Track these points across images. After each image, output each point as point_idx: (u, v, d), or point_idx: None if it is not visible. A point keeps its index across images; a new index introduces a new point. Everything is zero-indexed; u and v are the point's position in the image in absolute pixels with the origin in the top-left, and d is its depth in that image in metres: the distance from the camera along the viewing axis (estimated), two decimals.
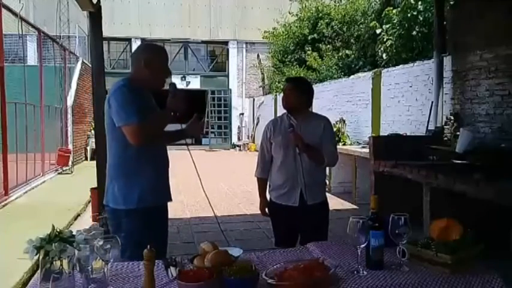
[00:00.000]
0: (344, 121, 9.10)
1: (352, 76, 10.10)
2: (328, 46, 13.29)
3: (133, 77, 2.44)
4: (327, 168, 3.55)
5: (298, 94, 2.97)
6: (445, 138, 5.54)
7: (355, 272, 1.78)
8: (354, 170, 7.31)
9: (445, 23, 6.35)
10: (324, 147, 2.95)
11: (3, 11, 7.17)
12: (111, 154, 2.44)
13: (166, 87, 2.54)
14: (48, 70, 10.63)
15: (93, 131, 11.94)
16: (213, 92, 19.46)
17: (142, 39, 18.80)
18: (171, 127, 2.54)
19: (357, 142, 8.46)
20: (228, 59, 20.11)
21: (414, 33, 8.30)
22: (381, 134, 7.88)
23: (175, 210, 6.25)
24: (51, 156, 10.27)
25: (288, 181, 2.93)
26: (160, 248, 2.34)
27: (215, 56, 20.78)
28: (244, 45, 19.85)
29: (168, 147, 2.64)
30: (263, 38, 17.45)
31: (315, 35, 14.00)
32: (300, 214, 2.92)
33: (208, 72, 20.27)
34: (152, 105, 2.48)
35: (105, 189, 2.48)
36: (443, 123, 6.02)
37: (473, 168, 3.72)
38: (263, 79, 19.58)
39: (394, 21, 8.81)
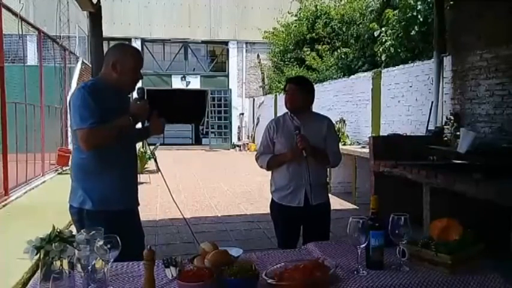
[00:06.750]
0: (344, 121, 9.10)
1: (352, 76, 10.10)
2: (325, 46, 13.27)
3: (102, 77, 2.45)
4: (327, 168, 3.55)
5: (301, 94, 2.95)
6: (445, 138, 5.54)
7: (355, 272, 1.78)
8: (354, 170, 7.30)
9: (445, 21, 6.35)
10: (328, 147, 2.96)
11: (3, 11, 7.15)
12: (74, 154, 2.43)
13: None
14: (48, 70, 10.60)
15: None
16: (213, 92, 19.44)
17: (142, 39, 18.80)
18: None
19: (357, 142, 8.45)
20: (228, 59, 20.08)
21: (413, 33, 8.29)
22: (381, 134, 7.88)
23: (175, 210, 6.23)
24: (51, 156, 10.24)
25: (292, 182, 2.91)
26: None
27: (215, 56, 20.76)
28: (244, 45, 19.82)
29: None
30: (263, 38, 17.44)
31: (313, 34, 13.99)
32: (303, 215, 2.91)
33: (208, 72, 20.25)
34: (116, 107, 2.36)
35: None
36: (443, 123, 6.02)
37: (473, 168, 3.72)
38: (263, 79, 19.57)
39: (394, 23, 8.80)
